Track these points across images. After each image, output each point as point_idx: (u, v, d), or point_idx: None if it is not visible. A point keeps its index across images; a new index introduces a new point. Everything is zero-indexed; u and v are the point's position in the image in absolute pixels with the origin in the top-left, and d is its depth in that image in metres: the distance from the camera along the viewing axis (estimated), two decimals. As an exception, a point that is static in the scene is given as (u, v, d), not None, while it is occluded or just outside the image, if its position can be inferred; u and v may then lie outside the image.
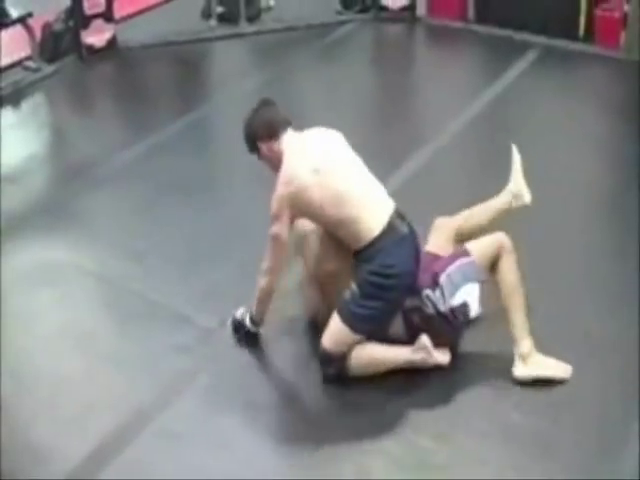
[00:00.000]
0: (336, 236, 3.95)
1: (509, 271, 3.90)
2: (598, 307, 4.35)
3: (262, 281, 4.05)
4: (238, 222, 5.15)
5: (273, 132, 4.02)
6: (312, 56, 7.68)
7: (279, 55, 7.68)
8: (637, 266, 4.54)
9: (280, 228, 3.94)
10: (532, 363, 3.84)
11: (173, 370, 4.04)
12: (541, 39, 7.58)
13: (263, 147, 4.05)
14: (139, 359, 4.11)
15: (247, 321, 4.15)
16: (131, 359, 4.12)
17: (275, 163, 4.02)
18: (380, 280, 3.80)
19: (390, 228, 3.85)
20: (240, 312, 4.20)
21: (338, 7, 8.55)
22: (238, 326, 4.19)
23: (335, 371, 3.87)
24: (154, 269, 4.77)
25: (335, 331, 3.86)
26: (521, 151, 4.78)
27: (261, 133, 4.04)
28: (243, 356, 4.14)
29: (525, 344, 3.85)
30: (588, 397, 3.80)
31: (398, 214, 3.92)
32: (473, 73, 7.42)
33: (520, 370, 3.85)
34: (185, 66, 7.82)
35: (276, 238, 3.95)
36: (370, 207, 3.88)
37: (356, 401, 3.83)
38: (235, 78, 7.36)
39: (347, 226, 3.86)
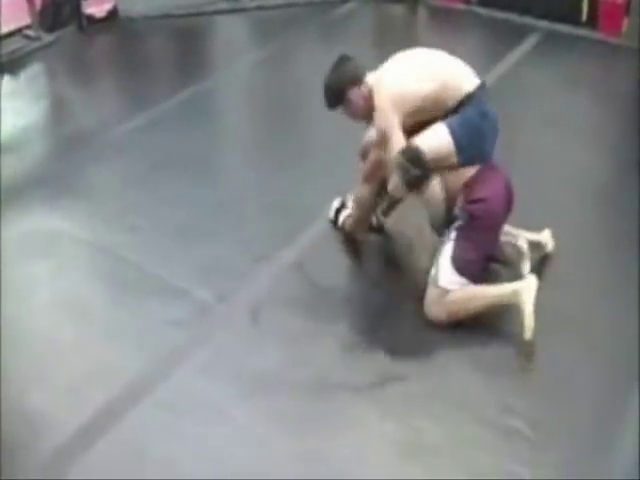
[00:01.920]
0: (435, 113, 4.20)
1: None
2: (595, 297, 4.36)
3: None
4: (237, 198, 5.15)
5: (359, 77, 4.28)
6: (313, 34, 7.65)
7: (280, 31, 7.66)
8: (634, 256, 4.55)
9: (397, 138, 4.12)
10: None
11: (169, 343, 4.04)
12: (543, 23, 7.57)
13: (352, 95, 4.27)
14: (135, 331, 4.11)
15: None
16: (127, 331, 4.11)
17: (365, 105, 4.26)
18: (478, 112, 4.16)
19: (479, 89, 4.19)
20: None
21: (340, -15, 8.51)
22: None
23: (418, 171, 4.09)
24: (151, 242, 4.75)
25: (432, 136, 4.13)
26: (521, 136, 4.82)
27: (350, 81, 4.27)
28: (240, 330, 4.15)
29: None
30: (584, 386, 3.81)
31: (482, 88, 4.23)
32: (474, 56, 7.28)
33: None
34: (186, 39, 7.77)
35: (390, 135, 4.13)
36: (456, 79, 4.21)
37: (352, 380, 3.84)
38: (235, 53, 7.34)
39: (439, 99, 4.16)
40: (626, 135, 6.08)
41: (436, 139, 4.14)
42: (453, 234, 4.14)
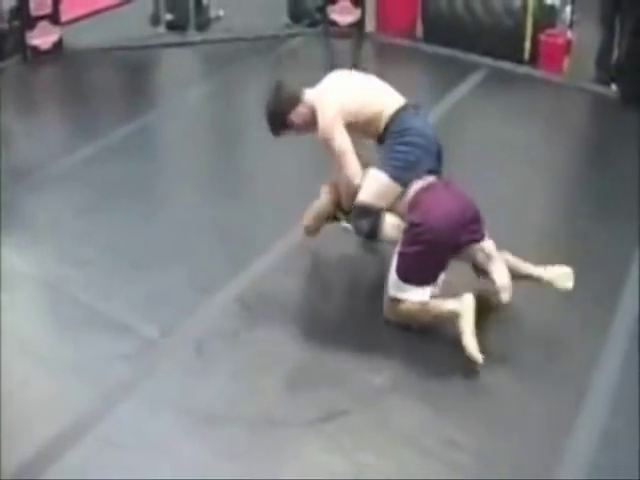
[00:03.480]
0: (366, 133, 4.55)
1: None
2: (542, 330, 4.41)
3: (351, 186, 4.49)
4: (182, 229, 5.14)
5: (298, 97, 4.53)
6: (260, 68, 7.69)
7: (227, 65, 7.69)
8: (575, 284, 4.62)
9: (342, 141, 4.42)
10: None
11: (114, 379, 4.00)
12: (487, 61, 7.70)
13: (293, 116, 4.52)
14: (80, 367, 4.06)
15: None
16: (72, 367, 4.06)
17: (308, 120, 4.52)
18: (402, 140, 4.41)
19: (403, 108, 4.49)
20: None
21: (287, 20, 8.60)
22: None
23: (369, 225, 4.38)
24: (96, 276, 4.72)
25: (372, 185, 4.39)
26: (463, 170, 4.89)
27: (289, 104, 4.52)
28: (185, 364, 4.12)
29: None
30: (529, 418, 3.85)
31: (411, 105, 4.55)
32: (418, 92, 7.44)
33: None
34: (132, 72, 7.78)
35: (343, 151, 4.44)
36: (385, 98, 4.55)
37: (297, 415, 3.82)
38: (182, 86, 7.35)
39: (373, 116, 4.49)
40: (571, 165, 6.23)
41: (377, 186, 4.41)
42: (398, 245, 4.25)
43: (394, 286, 4.23)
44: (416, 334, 4.29)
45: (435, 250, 4.18)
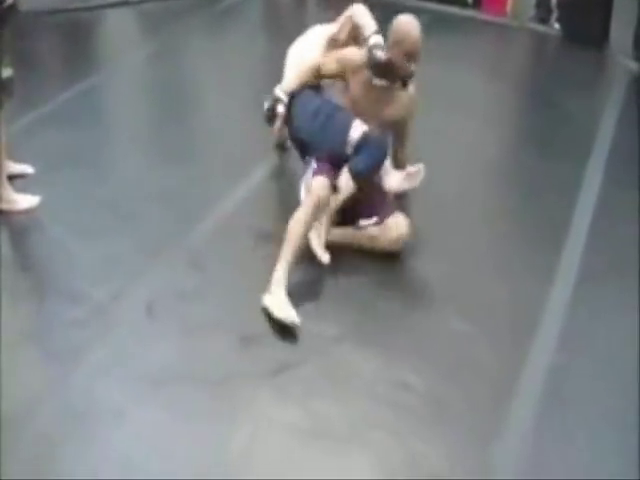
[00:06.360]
0: None
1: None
2: (491, 274, 4.46)
3: None
4: (130, 194, 5.09)
5: None
6: (201, 25, 7.61)
7: (168, 24, 7.60)
8: (521, 228, 4.67)
9: None
10: None
11: (66, 345, 3.96)
12: (431, 5, 7.67)
13: None
14: (31, 335, 4.04)
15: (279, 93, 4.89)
16: (23, 335, 4.03)
17: None
18: None
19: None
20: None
21: (228, -26, 8.49)
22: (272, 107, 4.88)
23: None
24: (44, 243, 4.68)
25: None
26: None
27: None
28: (137, 327, 4.11)
29: None
30: (482, 362, 3.90)
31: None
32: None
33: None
34: (72, 35, 7.64)
35: None
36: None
37: (250, 369, 3.85)
38: (124, 47, 7.26)
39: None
40: (517, 110, 6.26)
41: None
42: None
43: None
44: (365, 284, 4.34)
45: None
